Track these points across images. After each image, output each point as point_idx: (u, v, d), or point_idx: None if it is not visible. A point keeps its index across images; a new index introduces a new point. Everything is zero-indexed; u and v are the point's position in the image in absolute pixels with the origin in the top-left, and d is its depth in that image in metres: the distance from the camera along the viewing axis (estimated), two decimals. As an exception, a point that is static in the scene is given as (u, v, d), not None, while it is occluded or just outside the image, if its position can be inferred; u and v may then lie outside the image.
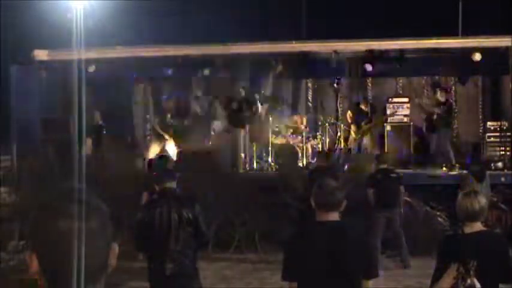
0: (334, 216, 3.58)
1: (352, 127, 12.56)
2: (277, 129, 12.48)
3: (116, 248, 1.48)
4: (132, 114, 13.89)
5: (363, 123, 12.35)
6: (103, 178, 8.93)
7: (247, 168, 12.15)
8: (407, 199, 9.61)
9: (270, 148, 12.16)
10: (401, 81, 14.20)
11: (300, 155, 12.15)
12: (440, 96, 11.94)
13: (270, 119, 12.43)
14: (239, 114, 11.96)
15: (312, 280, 3.48)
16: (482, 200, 3.79)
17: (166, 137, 12.30)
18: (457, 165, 11.36)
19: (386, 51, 11.94)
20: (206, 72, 12.42)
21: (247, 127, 12.25)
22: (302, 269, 3.49)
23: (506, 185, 10.26)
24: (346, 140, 12.78)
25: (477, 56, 11.26)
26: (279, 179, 10.64)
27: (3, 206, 9.97)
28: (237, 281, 8.55)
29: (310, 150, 12.53)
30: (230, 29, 11.98)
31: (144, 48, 12.15)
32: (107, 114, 12.77)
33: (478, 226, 3.77)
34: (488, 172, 9.25)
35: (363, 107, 12.57)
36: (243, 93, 12.15)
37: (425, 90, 14.07)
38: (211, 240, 9.44)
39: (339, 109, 14.02)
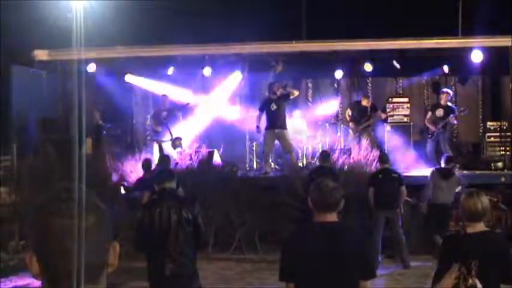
0: (332, 217, 3.56)
1: (351, 125, 12.55)
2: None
3: (116, 247, 1.48)
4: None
5: (362, 121, 12.34)
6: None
7: (247, 168, 12.16)
8: (408, 199, 9.61)
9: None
10: (401, 81, 14.22)
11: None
12: (443, 100, 11.91)
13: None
14: None
15: (309, 281, 3.48)
16: (485, 201, 3.79)
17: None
18: (457, 165, 11.35)
19: (386, 51, 11.93)
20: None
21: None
22: (299, 270, 3.49)
23: (506, 185, 10.26)
24: (346, 139, 12.78)
25: (477, 56, 11.26)
26: (279, 178, 10.64)
27: (3, 206, 9.97)
28: (237, 281, 8.54)
29: (310, 150, 12.54)
30: (230, 29, 11.97)
31: (144, 48, 12.16)
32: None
33: (480, 226, 3.76)
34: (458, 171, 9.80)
35: (363, 103, 12.55)
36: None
37: (425, 91, 14.11)
38: (211, 240, 9.46)
39: (339, 109, 14.04)
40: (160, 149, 11.61)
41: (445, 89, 12.42)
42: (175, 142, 11.46)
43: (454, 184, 9.09)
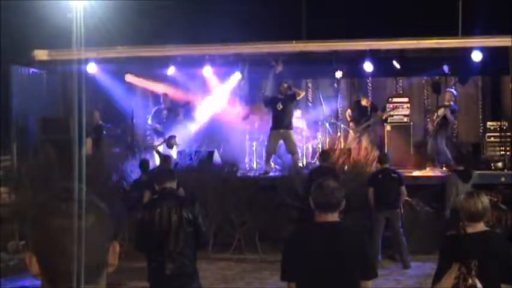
0: (334, 216, 3.57)
1: (351, 125, 12.56)
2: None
3: (116, 247, 1.47)
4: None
5: (362, 121, 12.34)
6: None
7: (247, 168, 12.16)
8: (408, 199, 9.60)
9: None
10: (401, 81, 14.22)
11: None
12: (445, 99, 11.91)
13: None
14: None
15: (311, 280, 3.48)
16: (485, 201, 3.79)
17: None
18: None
19: (387, 51, 11.93)
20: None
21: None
22: (300, 270, 3.49)
23: (506, 185, 10.25)
24: (346, 139, 12.78)
25: (477, 56, 11.25)
26: (279, 178, 10.64)
27: (3, 206, 9.96)
28: (237, 281, 8.54)
29: (310, 150, 12.54)
30: (230, 29, 11.97)
31: (144, 48, 12.16)
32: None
33: (480, 226, 3.76)
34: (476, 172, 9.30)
35: (363, 102, 12.56)
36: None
37: (425, 91, 14.10)
38: (211, 240, 9.45)
39: (339, 109, 14.05)
40: (158, 152, 11.60)
41: (448, 88, 12.43)
42: (170, 141, 11.44)
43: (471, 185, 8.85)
